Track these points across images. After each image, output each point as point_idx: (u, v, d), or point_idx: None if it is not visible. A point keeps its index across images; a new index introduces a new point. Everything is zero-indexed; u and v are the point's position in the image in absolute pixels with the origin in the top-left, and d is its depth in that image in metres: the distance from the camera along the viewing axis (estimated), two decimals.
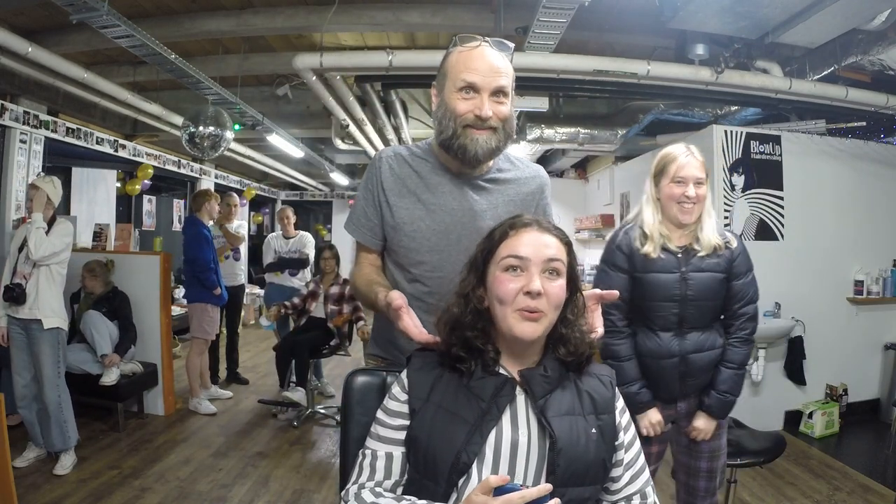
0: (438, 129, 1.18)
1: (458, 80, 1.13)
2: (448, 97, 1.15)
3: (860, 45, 2.85)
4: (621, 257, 1.67)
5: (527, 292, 0.91)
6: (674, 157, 1.64)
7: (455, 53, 1.16)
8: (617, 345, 1.65)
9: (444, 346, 0.98)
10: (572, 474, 0.88)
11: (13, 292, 2.75)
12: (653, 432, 1.66)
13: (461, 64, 1.14)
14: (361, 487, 0.93)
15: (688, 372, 1.64)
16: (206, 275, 3.94)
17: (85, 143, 4.67)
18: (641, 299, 1.65)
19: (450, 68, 1.16)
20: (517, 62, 3.08)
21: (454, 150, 1.16)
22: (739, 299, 1.66)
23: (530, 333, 0.91)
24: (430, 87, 1.23)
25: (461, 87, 1.13)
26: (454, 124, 1.14)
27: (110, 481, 2.78)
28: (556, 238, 0.96)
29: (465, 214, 1.22)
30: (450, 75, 1.15)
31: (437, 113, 1.18)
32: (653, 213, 1.65)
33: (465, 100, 1.13)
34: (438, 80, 1.20)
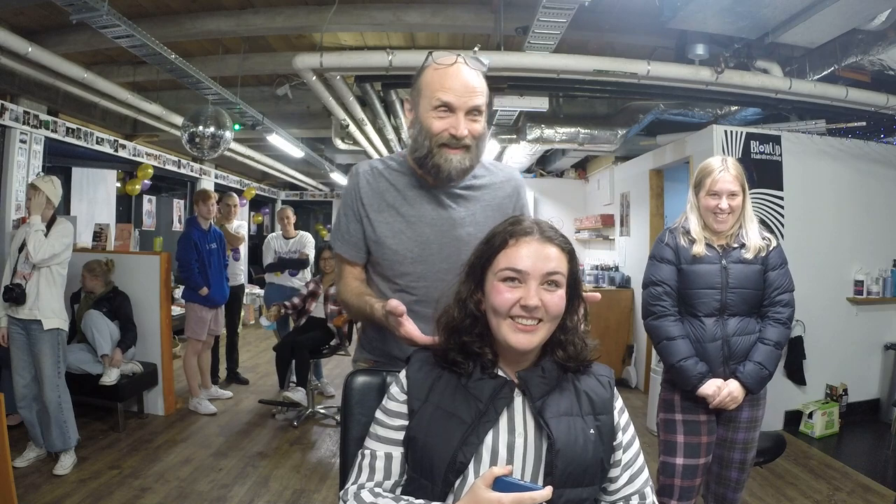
0: (413, 146, 1.17)
1: (433, 99, 1.12)
2: (423, 115, 1.14)
3: (860, 45, 2.85)
4: (669, 251, 1.85)
5: (523, 306, 0.90)
6: (710, 170, 1.83)
7: (430, 70, 1.15)
8: (670, 325, 1.80)
9: (441, 348, 0.97)
10: (570, 475, 0.88)
11: (13, 293, 2.76)
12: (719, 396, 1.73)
13: (436, 82, 1.12)
14: (361, 487, 0.93)
15: (730, 354, 1.77)
16: (188, 275, 3.97)
17: (85, 143, 4.67)
18: (686, 288, 1.81)
19: (424, 85, 1.14)
20: (517, 62, 3.12)
21: (428, 168, 1.16)
22: (776, 287, 1.80)
23: (525, 344, 0.91)
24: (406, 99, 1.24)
25: (437, 106, 1.12)
26: (429, 143, 1.13)
27: (110, 481, 2.78)
28: (557, 248, 0.94)
29: (445, 224, 1.22)
30: (425, 93, 1.14)
31: (411, 129, 1.18)
32: (696, 220, 1.85)
33: (441, 118, 1.13)
34: (413, 96, 1.18)
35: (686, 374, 1.74)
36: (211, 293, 4.03)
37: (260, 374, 5.00)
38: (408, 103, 1.21)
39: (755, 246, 1.79)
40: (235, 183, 8.20)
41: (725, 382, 1.75)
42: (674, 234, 1.88)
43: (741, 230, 1.82)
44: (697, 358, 1.76)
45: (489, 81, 1.23)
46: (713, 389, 1.73)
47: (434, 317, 1.02)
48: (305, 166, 7.81)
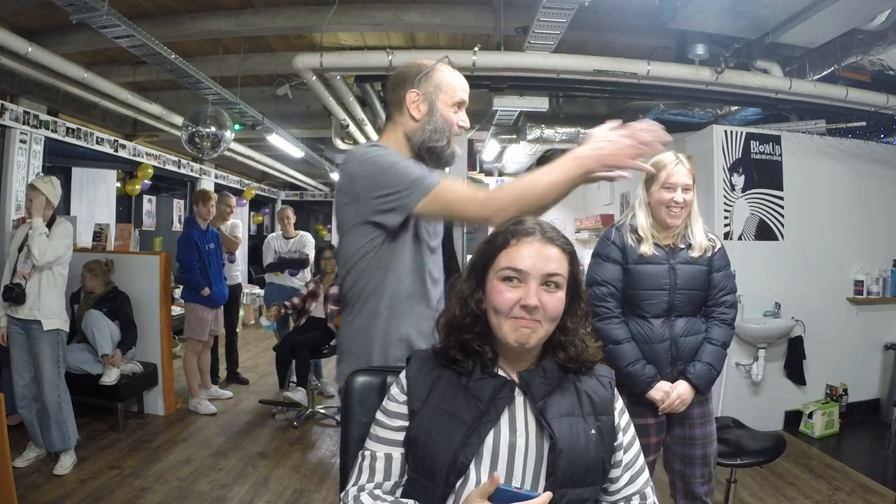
0: (430, 137, 1.30)
1: (454, 97, 1.32)
2: (442, 109, 1.31)
3: (860, 45, 2.85)
4: (615, 250, 1.80)
5: (523, 306, 0.90)
6: (664, 164, 1.77)
7: (448, 71, 1.34)
8: (616, 329, 1.77)
9: (441, 346, 0.98)
10: (572, 475, 0.88)
11: (13, 292, 2.75)
12: (667, 401, 1.73)
13: (455, 82, 1.33)
14: (361, 489, 0.93)
15: (678, 355, 1.77)
16: (188, 275, 3.97)
17: (85, 143, 4.67)
18: (634, 289, 1.78)
19: (444, 82, 1.32)
20: (517, 62, 3.12)
21: (441, 155, 1.32)
22: (721, 289, 1.82)
23: (525, 340, 0.91)
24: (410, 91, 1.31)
25: (455, 103, 1.32)
26: (448, 134, 1.32)
27: (110, 481, 2.78)
28: (558, 249, 0.94)
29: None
30: (445, 89, 1.31)
31: (428, 122, 1.30)
32: (645, 216, 1.80)
33: (456, 114, 1.33)
34: (423, 88, 1.31)
35: (635, 378, 1.73)
36: (212, 293, 4.03)
37: (260, 374, 5.00)
38: (417, 95, 1.30)
39: (701, 245, 1.79)
40: (235, 183, 8.20)
41: (673, 385, 1.74)
42: (620, 231, 1.82)
43: (687, 229, 1.81)
44: (645, 361, 1.74)
45: (490, 82, 1.37)
46: (661, 395, 1.72)
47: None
48: (305, 166, 7.81)
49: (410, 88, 1.31)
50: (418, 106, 1.30)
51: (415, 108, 1.30)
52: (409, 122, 1.31)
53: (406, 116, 1.31)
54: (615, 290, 1.78)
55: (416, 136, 1.31)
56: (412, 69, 1.33)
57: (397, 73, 1.37)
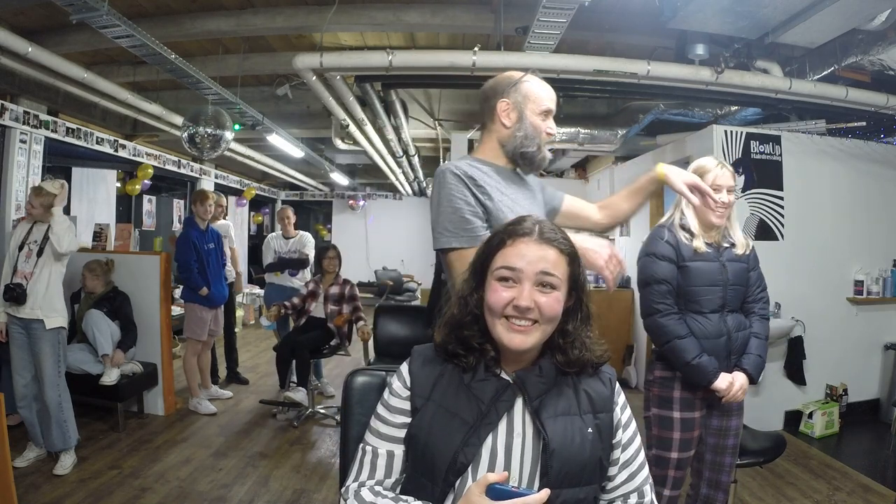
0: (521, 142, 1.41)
1: (541, 105, 1.42)
2: (532, 118, 1.41)
3: (860, 45, 2.85)
4: (669, 248, 1.86)
5: (515, 306, 0.90)
6: (709, 168, 1.87)
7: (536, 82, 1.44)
8: (677, 324, 1.83)
9: (443, 343, 0.97)
10: (566, 475, 0.88)
11: (14, 292, 2.75)
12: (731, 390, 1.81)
13: (542, 93, 1.43)
14: (361, 486, 0.94)
15: (733, 349, 1.85)
16: (187, 276, 3.97)
17: (85, 143, 4.67)
18: (690, 285, 1.84)
19: (531, 92, 1.42)
20: (517, 62, 3.12)
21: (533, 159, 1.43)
22: (759, 285, 1.93)
23: (518, 344, 0.91)
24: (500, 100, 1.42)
25: (543, 111, 1.42)
26: (539, 140, 1.42)
27: (110, 481, 2.78)
28: (555, 250, 0.93)
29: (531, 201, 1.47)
30: (533, 99, 1.42)
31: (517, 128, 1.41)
32: (692, 216, 1.89)
33: (543, 121, 1.42)
34: (513, 97, 1.41)
35: (703, 370, 1.78)
36: (211, 293, 4.02)
37: (260, 374, 5.00)
38: (507, 104, 1.41)
39: (742, 243, 1.89)
40: (235, 183, 8.20)
41: (733, 375, 1.81)
42: (672, 230, 1.89)
43: (727, 229, 1.91)
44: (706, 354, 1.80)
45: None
46: (726, 384, 1.79)
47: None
48: (305, 166, 7.81)
49: (501, 98, 1.41)
50: (508, 114, 1.41)
51: (505, 117, 1.41)
52: (502, 129, 1.42)
53: (498, 124, 1.42)
54: (672, 288, 1.84)
55: (509, 143, 1.42)
56: (503, 80, 1.44)
57: (488, 85, 1.46)
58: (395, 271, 9.42)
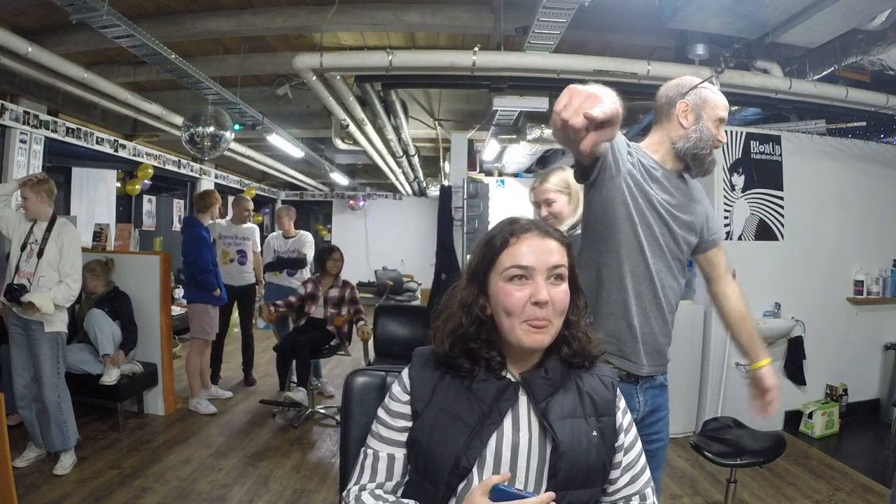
0: (696, 144, 1.44)
1: (718, 113, 1.45)
2: (707, 123, 1.45)
3: (860, 45, 2.85)
4: None
5: (535, 302, 0.89)
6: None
7: (714, 89, 1.48)
8: None
9: (445, 354, 0.95)
10: (573, 477, 0.88)
11: (17, 293, 2.74)
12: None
13: (720, 101, 1.46)
14: (362, 489, 0.93)
15: None
16: (205, 276, 3.93)
17: (85, 143, 4.67)
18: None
19: (710, 99, 1.45)
20: (517, 62, 3.12)
21: (703, 163, 1.47)
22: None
23: (539, 343, 0.91)
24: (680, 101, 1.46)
25: (718, 118, 1.45)
26: (710, 145, 1.45)
27: (110, 481, 2.78)
28: (556, 241, 0.94)
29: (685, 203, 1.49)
30: (712, 105, 1.45)
31: (691, 130, 1.44)
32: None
33: (718, 127, 1.46)
34: (693, 102, 1.45)
35: None
36: (221, 293, 4.04)
37: (260, 374, 4.99)
38: (685, 105, 1.45)
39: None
40: (235, 183, 8.20)
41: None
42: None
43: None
44: None
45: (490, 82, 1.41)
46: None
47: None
48: (305, 166, 7.82)
49: (681, 99, 1.45)
50: (687, 115, 1.45)
51: (683, 117, 1.45)
52: (678, 129, 1.45)
53: (675, 124, 1.46)
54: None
55: (681, 142, 1.45)
56: (684, 83, 1.48)
57: (668, 86, 1.50)
58: (395, 271, 9.43)
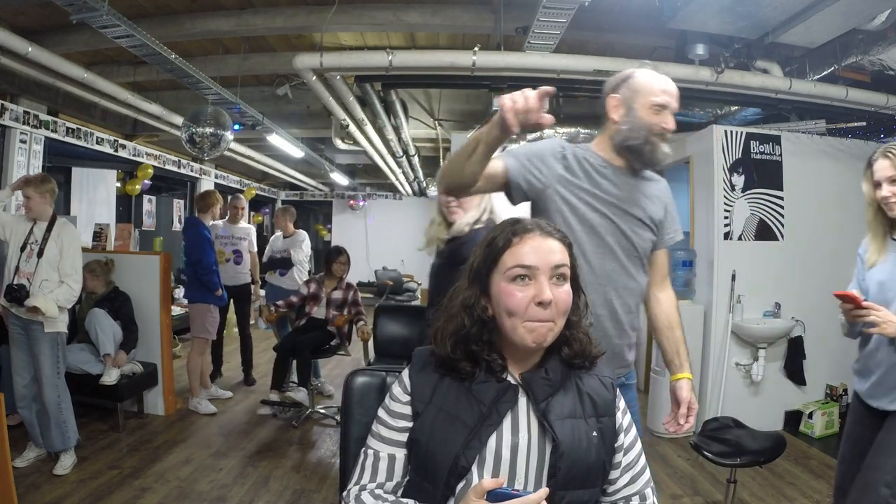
0: (627, 136, 1.41)
1: (651, 99, 1.39)
2: (641, 111, 1.40)
3: (860, 45, 2.85)
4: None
5: (538, 303, 0.89)
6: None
7: (648, 75, 1.42)
8: None
9: (446, 356, 0.95)
10: (573, 477, 0.88)
11: (17, 293, 2.74)
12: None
13: (655, 87, 1.40)
14: (362, 489, 0.93)
15: None
16: (209, 276, 3.93)
17: (85, 143, 4.67)
18: None
19: (642, 88, 1.40)
20: (517, 62, 3.12)
21: (642, 154, 1.41)
22: None
23: (542, 343, 0.91)
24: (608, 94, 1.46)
25: (654, 105, 1.39)
26: (646, 133, 1.39)
27: (110, 481, 2.78)
28: (558, 241, 0.94)
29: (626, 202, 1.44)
30: (643, 93, 1.40)
31: (623, 122, 1.41)
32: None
33: (657, 115, 1.39)
34: (623, 94, 1.42)
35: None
36: (222, 293, 4.04)
37: (260, 374, 4.99)
38: (615, 100, 1.43)
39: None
40: (235, 183, 8.20)
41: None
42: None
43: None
44: None
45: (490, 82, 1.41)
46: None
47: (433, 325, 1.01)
48: (305, 166, 7.82)
49: (611, 94, 1.44)
50: (617, 109, 1.43)
51: (615, 112, 1.43)
52: (612, 124, 1.44)
53: (610, 121, 1.44)
54: None
55: (615, 136, 1.43)
56: (616, 77, 1.45)
57: (608, 82, 1.48)
58: (395, 271, 9.42)
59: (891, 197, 1.66)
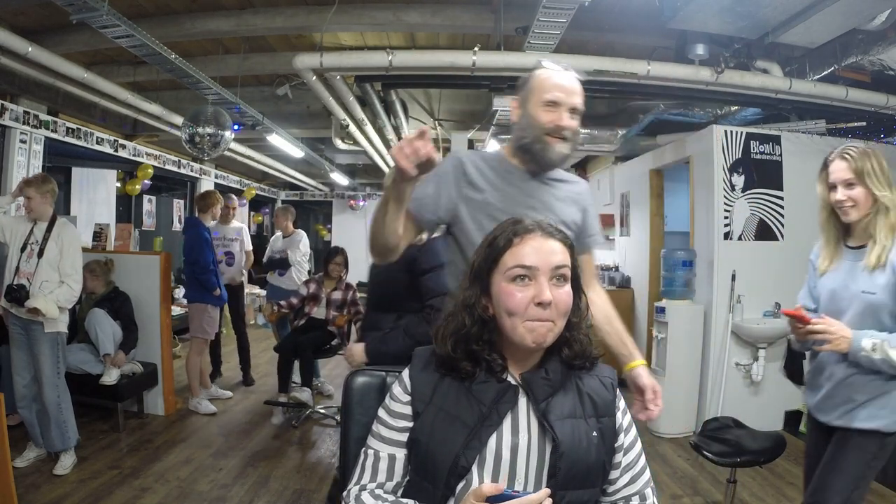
0: (520, 136, 1.37)
1: (543, 96, 1.34)
2: (532, 110, 1.35)
3: (860, 45, 2.85)
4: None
5: (538, 303, 0.89)
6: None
7: (541, 74, 1.38)
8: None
9: (447, 356, 0.95)
10: (573, 477, 0.88)
11: (17, 293, 2.74)
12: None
13: (547, 83, 1.35)
14: (363, 489, 0.93)
15: None
16: (207, 276, 3.94)
17: (85, 143, 4.67)
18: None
19: (536, 85, 1.36)
20: (517, 62, 3.12)
21: (533, 153, 1.35)
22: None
23: (541, 343, 0.91)
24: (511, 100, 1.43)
25: (546, 102, 1.33)
26: (537, 132, 1.34)
27: (110, 481, 2.78)
28: (560, 242, 0.94)
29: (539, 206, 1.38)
30: (536, 91, 1.35)
31: (519, 122, 1.38)
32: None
33: (548, 112, 1.33)
34: (521, 96, 1.39)
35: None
36: (221, 292, 4.05)
37: (260, 374, 4.99)
38: (514, 102, 1.40)
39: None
40: (235, 183, 8.20)
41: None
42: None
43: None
44: None
45: (490, 82, 1.40)
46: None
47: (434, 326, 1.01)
48: (305, 166, 7.82)
49: (512, 98, 1.42)
50: (515, 111, 1.41)
51: (513, 114, 1.41)
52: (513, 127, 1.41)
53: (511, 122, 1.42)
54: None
55: (513, 139, 1.40)
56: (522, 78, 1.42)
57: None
58: None
59: (846, 201, 1.59)
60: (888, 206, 1.54)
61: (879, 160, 1.61)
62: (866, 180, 1.58)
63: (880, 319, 1.50)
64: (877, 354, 1.44)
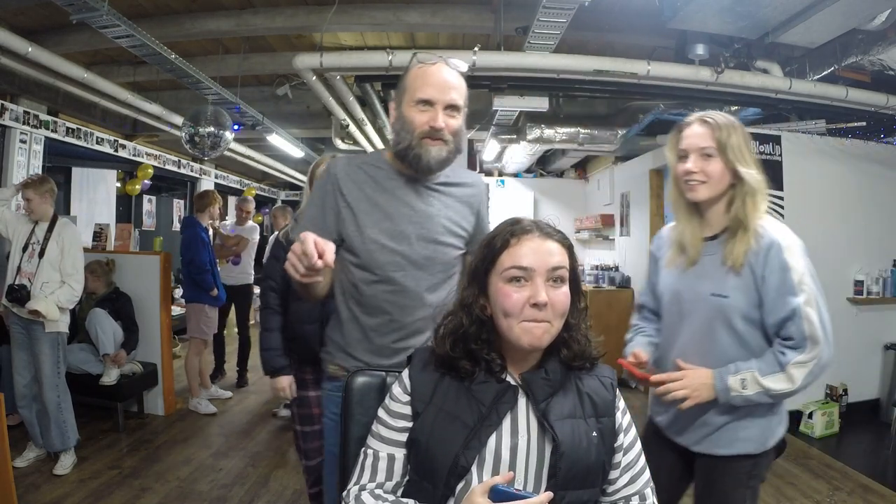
0: (396, 140, 1.26)
1: (415, 95, 1.22)
2: (406, 110, 1.24)
3: (860, 45, 2.85)
4: None
5: (533, 304, 0.89)
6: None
7: (414, 70, 1.25)
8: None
9: (446, 355, 0.95)
10: (573, 477, 0.88)
11: (18, 293, 2.74)
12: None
13: (419, 80, 1.23)
14: (362, 489, 0.93)
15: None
16: (203, 276, 3.94)
17: (85, 143, 4.67)
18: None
19: (408, 84, 1.25)
20: (517, 62, 3.12)
21: (409, 160, 1.24)
22: None
23: (537, 344, 0.91)
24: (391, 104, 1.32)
25: (418, 101, 1.22)
26: (411, 135, 1.22)
27: (110, 481, 2.78)
28: (558, 243, 0.94)
29: (422, 214, 1.29)
30: (408, 90, 1.24)
31: (395, 125, 1.27)
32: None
33: (422, 112, 1.22)
34: (397, 95, 1.28)
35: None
36: (219, 292, 4.05)
37: (260, 374, 4.99)
38: (393, 102, 1.30)
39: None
40: (235, 183, 8.20)
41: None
42: None
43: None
44: None
45: (490, 82, 1.33)
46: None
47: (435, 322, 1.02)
48: (305, 166, 7.78)
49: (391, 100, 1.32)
50: (392, 113, 1.30)
51: (391, 117, 1.30)
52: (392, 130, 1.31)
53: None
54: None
55: (391, 143, 1.30)
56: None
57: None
58: None
59: (697, 174, 1.28)
60: (755, 189, 1.25)
61: (746, 137, 1.28)
62: (728, 153, 1.25)
63: (731, 325, 1.29)
64: (749, 391, 1.27)
